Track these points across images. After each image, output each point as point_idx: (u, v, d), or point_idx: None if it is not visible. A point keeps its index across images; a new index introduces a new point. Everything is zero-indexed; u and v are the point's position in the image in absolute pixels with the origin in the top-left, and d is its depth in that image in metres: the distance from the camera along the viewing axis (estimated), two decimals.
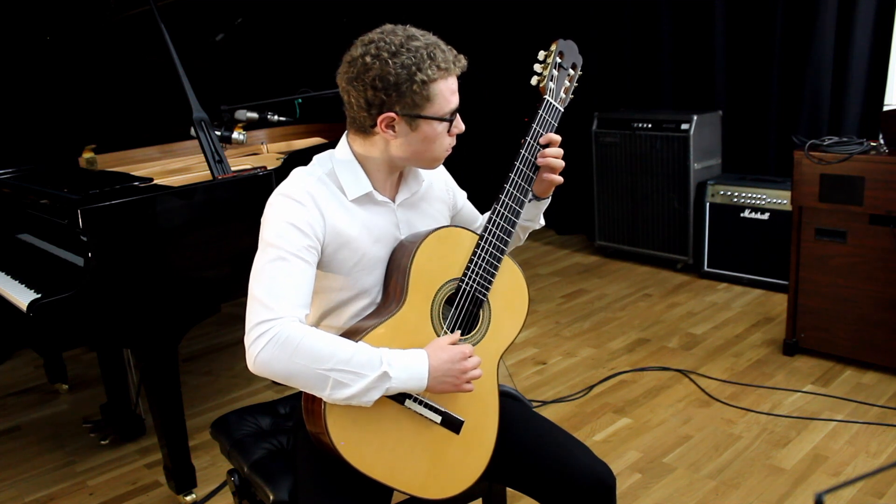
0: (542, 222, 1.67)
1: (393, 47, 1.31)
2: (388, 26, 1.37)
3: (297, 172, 1.43)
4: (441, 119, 1.36)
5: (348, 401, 1.27)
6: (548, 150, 1.49)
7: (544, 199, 1.59)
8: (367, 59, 1.31)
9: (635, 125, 4.24)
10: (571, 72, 1.57)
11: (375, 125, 1.36)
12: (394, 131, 1.36)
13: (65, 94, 3.13)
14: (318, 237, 1.36)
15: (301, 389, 1.32)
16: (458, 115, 1.41)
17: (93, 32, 2.96)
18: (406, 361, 1.31)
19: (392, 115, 1.34)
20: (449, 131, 1.40)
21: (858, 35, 3.59)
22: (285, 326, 1.27)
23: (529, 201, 1.52)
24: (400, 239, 1.48)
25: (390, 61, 1.30)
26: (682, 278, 4.17)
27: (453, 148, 1.47)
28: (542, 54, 1.55)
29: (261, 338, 1.26)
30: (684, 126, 4.03)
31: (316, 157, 1.47)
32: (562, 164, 1.52)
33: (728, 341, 3.31)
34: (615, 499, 1.46)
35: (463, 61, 1.38)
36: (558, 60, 1.54)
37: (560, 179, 1.53)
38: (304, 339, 1.26)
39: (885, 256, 2.77)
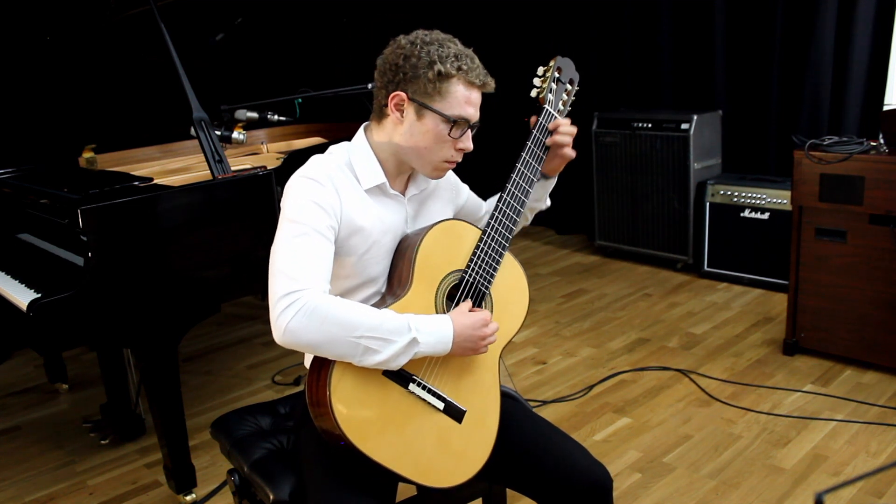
0: (549, 202, 1.71)
1: (429, 39, 1.40)
2: (439, 31, 1.44)
3: (316, 159, 1.47)
4: (446, 118, 1.39)
5: (378, 366, 1.31)
6: (558, 129, 1.54)
7: (552, 178, 1.64)
8: (403, 41, 1.42)
9: (635, 125, 4.24)
10: (569, 87, 1.62)
11: (388, 105, 1.41)
12: (401, 115, 1.41)
13: (65, 94, 3.13)
14: (337, 217, 1.40)
15: (330, 357, 1.32)
16: (469, 130, 1.44)
17: (93, 32, 2.96)
18: (432, 326, 1.35)
19: (402, 94, 1.40)
20: (456, 139, 1.42)
21: (858, 35, 3.59)
22: (313, 296, 1.29)
23: (538, 181, 1.57)
24: (407, 233, 1.52)
25: (419, 47, 1.39)
26: (682, 278, 4.17)
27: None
28: (541, 69, 1.60)
29: (289, 308, 1.27)
30: (684, 126, 4.03)
31: (332, 147, 1.51)
32: (572, 131, 1.55)
33: (728, 341, 3.31)
34: (612, 500, 1.47)
35: (491, 84, 1.44)
36: (556, 75, 1.59)
37: (573, 154, 1.57)
38: (332, 308, 1.29)
39: (885, 256, 2.77)
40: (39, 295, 2.02)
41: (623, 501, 2.25)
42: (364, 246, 1.44)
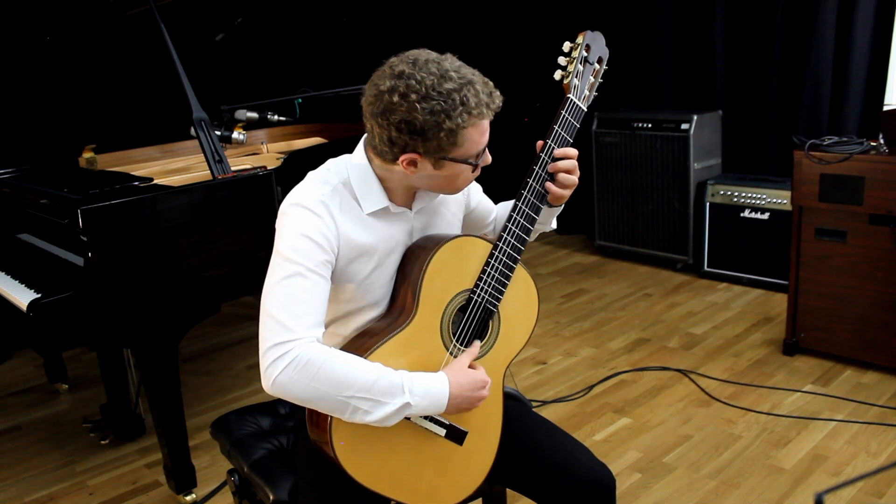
0: (554, 226, 1.64)
1: (423, 89, 1.22)
2: (422, 57, 1.26)
3: (312, 180, 1.37)
4: (466, 162, 1.31)
5: (368, 424, 1.27)
6: (560, 164, 1.42)
7: (557, 205, 1.53)
8: (395, 98, 1.23)
9: (635, 125, 4.24)
10: (597, 66, 1.47)
11: (396, 160, 1.30)
12: (415, 167, 1.31)
13: (65, 94, 3.13)
14: (333, 250, 1.32)
15: (319, 411, 1.30)
16: (486, 150, 1.34)
17: (93, 32, 2.96)
18: (427, 388, 1.29)
19: (415, 156, 1.28)
20: (474, 169, 1.35)
21: (858, 35, 3.59)
22: (305, 348, 1.23)
23: (538, 218, 1.46)
24: (411, 246, 1.44)
25: (418, 106, 1.22)
26: (682, 278, 4.17)
27: None
28: (567, 46, 1.44)
29: (279, 360, 1.22)
30: (684, 126, 4.03)
31: (332, 163, 1.41)
32: (573, 180, 1.44)
33: (728, 341, 3.31)
34: (615, 500, 1.46)
35: (498, 101, 1.30)
36: (584, 54, 1.44)
37: (565, 195, 1.45)
38: (325, 364, 1.23)
39: (885, 256, 2.77)
40: (39, 295, 2.02)
41: (623, 501, 2.25)
42: (365, 271, 1.37)
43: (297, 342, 1.24)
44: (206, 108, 2.41)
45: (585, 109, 1.47)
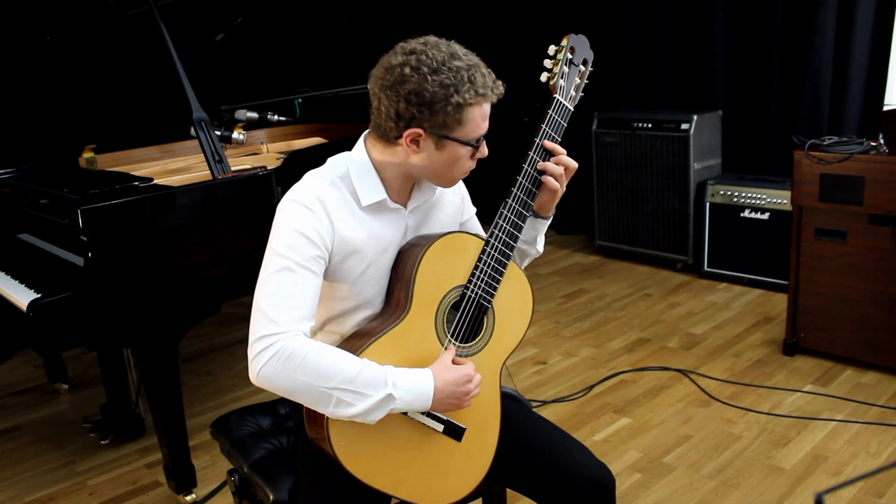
0: (541, 248, 1.60)
1: (434, 63, 1.28)
2: (433, 39, 1.33)
3: (310, 176, 1.40)
4: (468, 143, 1.34)
5: (352, 418, 1.27)
6: (549, 165, 1.45)
7: (543, 217, 1.54)
8: (406, 70, 1.28)
9: (635, 125, 4.24)
10: (582, 68, 1.51)
11: (400, 137, 1.33)
12: (417, 146, 1.34)
13: (65, 94, 3.13)
14: (326, 246, 1.34)
15: (304, 405, 1.31)
16: (483, 140, 1.38)
17: (93, 32, 2.96)
18: (411, 382, 1.29)
19: (420, 131, 1.31)
20: (472, 156, 1.38)
21: (858, 35, 3.59)
22: (289, 341, 1.25)
23: (529, 214, 1.47)
24: (404, 245, 1.46)
25: (429, 77, 1.27)
26: (682, 278, 4.17)
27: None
28: (552, 49, 1.49)
29: (264, 352, 1.25)
30: (684, 126, 4.03)
31: (331, 159, 1.43)
32: (560, 171, 1.47)
33: (728, 341, 3.31)
34: (615, 500, 1.46)
35: (500, 88, 1.35)
36: (569, 56, 1.48)
37: (558, 187, 1.47)
38: (309, 356, 1.25)
39: (885, 256, 2.77)
40: (39, 295, 2.02)
41: (623, 501, 2.25)
42: (359, 269, 1.39)
43: (282, 335, 1.26)
44: (206, 108, 2.41)
45: (572, 109, 1.51)
